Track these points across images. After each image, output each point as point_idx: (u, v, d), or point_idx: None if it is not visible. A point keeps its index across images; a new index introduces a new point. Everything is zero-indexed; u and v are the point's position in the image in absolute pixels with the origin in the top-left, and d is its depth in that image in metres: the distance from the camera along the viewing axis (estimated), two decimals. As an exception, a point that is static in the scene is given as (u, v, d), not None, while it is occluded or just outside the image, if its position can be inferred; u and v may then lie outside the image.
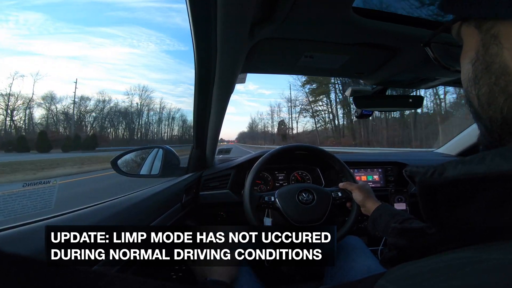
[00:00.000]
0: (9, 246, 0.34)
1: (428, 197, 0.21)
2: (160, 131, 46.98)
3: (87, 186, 6.44)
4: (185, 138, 46.83)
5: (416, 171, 0.22)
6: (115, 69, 59.18)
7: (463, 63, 0.27)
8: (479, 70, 0.24)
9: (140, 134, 44.03)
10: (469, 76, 0.25)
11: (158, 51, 67.02)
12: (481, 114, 0.25)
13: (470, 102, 0.26)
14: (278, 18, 0.48)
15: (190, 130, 22.73)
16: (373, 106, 0.89)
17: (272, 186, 1.21)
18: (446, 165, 0.20)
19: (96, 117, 41.40)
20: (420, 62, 0.68)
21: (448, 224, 0.21)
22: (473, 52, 0.25)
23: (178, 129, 48.87)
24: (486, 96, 0.23)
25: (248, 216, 0.78)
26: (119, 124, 42.87)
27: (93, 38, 58.68)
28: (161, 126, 47.08)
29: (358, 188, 0.77)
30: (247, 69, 0.74)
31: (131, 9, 65.71)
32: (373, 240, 1.11)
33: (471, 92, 0.25)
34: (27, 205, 0.49)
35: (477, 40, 0.24)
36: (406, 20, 0.52)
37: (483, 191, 0.18)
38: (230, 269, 0.62)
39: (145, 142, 42.88)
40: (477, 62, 0.24)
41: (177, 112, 49.24)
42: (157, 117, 46.25)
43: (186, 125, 49.14)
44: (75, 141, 32.76)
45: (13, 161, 13.60)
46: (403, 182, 1.21)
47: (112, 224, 0.50)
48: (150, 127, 45.93)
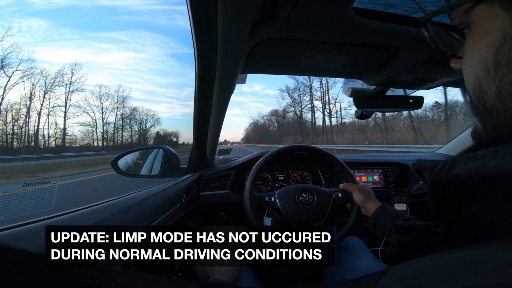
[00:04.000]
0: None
1: (437, 194, 0.21)
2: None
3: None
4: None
5: (425, 165, 0.21)
6: (121, 74, 59.04)
7: (475, 47, 0.24)
8: (506, 56, 0.21)
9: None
10: (486, 62, 0.22)
11: (163, 55, 66.94)
12: (495, 106, 0.22)
13: (478, 92, 0.23)
14: (279, 19, 0.48)
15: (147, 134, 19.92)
16: (373, 106, 0.89)
17: (272, 187, 1.21)
18: (456, 160, 0.19)
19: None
20: (420, 63, 0.68)
21: (456, 221, 0.20)
22: (496, 35, 0.21)
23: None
24: (510, 85, 0.21)
25: (248, 216, 0.78)
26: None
27: (98, 44, 58.57)
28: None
29: (359, 189, 0.77)
30: (247, 70, 0.74)
31: (135, 13, 65.75)
32: (373, 241, 1.11)
33: (486, 81, 0.22)
34: (27, 205, 0.49)
35: (503, 22, 0.21)
36: (406, 20, 0.52)
37: (495, 188, 0.17)
38: (232, 269, 0.62)
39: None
40: (504, 46, 0.21)
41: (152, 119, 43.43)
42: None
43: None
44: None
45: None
46: (404, 183, 1.21)
47: (113, 224, 0.50)
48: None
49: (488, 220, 0.18)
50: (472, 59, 0.24)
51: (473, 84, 0.24)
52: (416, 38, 0.55)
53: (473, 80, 0.24)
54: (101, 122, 38.96)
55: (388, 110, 1.00)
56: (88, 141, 38.12)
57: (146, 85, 62.73)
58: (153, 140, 42.90)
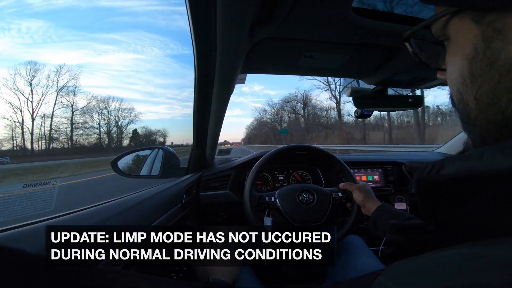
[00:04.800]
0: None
1: (426, 195, 0.21)
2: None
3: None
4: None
5: (415, 166, 0.22)
6: (121, 75, 58.72)
7: (452, 60, 0.24)
8: (478, 68, 0.21)
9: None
10: (463, 74, 0.23)
11: (163, 56, 66.69)
12: (477, 117, 0.22)
13: (462, 104, 0.24)
14: (278, 18, 0.48)
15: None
16: (373, 106, 0.89)
17: (272, 187, 1.21)
18: (444, 161, 0.20)
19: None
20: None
21: (447, 221, 0.21)
22: (469, 48, 0.22)
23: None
24: (486, 96, 0.21)
25: (248, 216, 0.78)
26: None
27: (98, 45, 58.23)
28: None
29: (359, 189, 0.77)
30: (247, 69, 0.75)
31: (134, 14, 65.62)
32: (373, 240, 1.11)
33: (466, 93, 0.23)
34: (27, 206, 0.50)
35: (475, 35, 0.21)
36: (406, 19, 0.52)
37: (482, 188, 0.18)
38: (232, 269, 0.62)
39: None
40: (476, 58, 0.21)
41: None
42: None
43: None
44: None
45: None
46: (404, 182, 1.21)
47: (113, 225, 0.50)
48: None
49: (478, 220, 0.19)
50: (452, 72, 0.25)
51: (456, 97, 0.25)
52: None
53: (456, 93, 0.24)
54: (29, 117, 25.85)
55: (388, 110, 1.00)
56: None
57: (146, 87, 62.58)
58: (129, 140, 34.58)
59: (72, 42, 52.89)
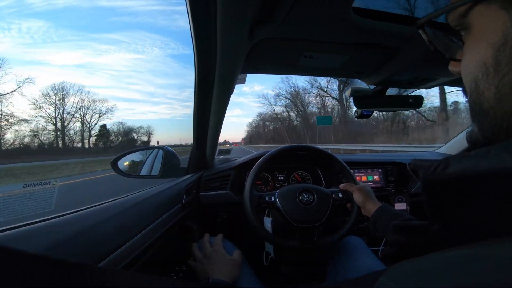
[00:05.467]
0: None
1: (432, 193, 0.21)
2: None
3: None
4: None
5: (420, 164, 0.22)
6: (121, 75, 58.32)
7: (474, 49, 0.24)
8: (506, 55, 0.21)
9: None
10: (485, 63, 0.22)
11: (163, 56, 66.62)
12: (492, 107, 0.22)
13: (475, 94, 0.23)
14: (278, 18, 0.48)
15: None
16: (373, 106, 0.89)
17: (272, 187, 1.21)
18: (450, 160, 0.20)
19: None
20: (419, 62, 0.68)
21: (452, 220, 0.20)
22: (497, 35, 0.21)
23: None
24: (510, 85, 0.21)
25: (249, 216, 0.78)
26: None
27: (98, 45, 57.92)
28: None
29: (359, 189, 0.77)
30: (247, 70, 0.75)
31: (135, 14, 65.63)
32: (373, 240, 1.11)
33: (485, 82, 0.22)
34: (27, 206, 0.49)
35: (503, 22, 0.21)
36: (406, 20, 0.52)
37: (488, 187, 0.17)
38: (232, 269, 0.62)
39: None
40: (505, 45, 0.21)
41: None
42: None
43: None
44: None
45: None
46: (404, 182, 1.21)
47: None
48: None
49: (483, 219, 0.18)
50: (471, 60, 0.24)
51: (470, 86, 0.24)
52: (415, 38, 0.55)
53: (471, 82, 0.24)
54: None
55: (388, 110, 1.00)
56: None
57: (146, 87, 62.39)
58: (95, 138, 31.25)
59: (72, 42, 52.74)
